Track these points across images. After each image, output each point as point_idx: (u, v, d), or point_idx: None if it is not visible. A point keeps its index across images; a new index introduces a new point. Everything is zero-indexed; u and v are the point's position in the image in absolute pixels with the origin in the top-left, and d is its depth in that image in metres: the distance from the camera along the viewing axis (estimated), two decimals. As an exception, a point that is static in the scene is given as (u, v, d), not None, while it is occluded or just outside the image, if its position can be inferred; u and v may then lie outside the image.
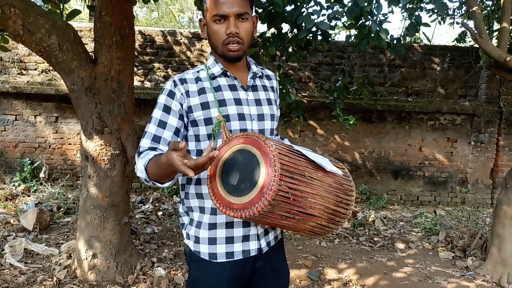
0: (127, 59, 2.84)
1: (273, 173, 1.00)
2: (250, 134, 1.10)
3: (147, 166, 1.17)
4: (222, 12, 1.19)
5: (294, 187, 1.05)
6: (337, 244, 4.01)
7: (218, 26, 1.21)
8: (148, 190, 5.69)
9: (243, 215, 1.04)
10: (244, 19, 1.22)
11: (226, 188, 1.09)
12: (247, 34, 1.23)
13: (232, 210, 1.06)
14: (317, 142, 5.77)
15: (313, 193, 1.11)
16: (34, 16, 2.44)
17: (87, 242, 2.90)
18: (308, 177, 1.09)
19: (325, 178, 1.16)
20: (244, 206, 1.04)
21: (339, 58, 5.71)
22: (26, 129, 5.59)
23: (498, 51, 3.07)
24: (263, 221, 1.11)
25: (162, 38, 5.65)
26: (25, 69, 5.57)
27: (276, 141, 1.12)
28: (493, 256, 3.27)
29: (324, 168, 1.15)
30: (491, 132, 5.71)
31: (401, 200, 5.86)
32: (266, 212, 1.03)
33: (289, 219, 1.10)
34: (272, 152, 1.03)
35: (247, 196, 1.04)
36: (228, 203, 1.07)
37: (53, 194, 4.93)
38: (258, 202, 1.01)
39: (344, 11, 2.80)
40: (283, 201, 1.03)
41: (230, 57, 1.24)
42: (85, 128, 2.82)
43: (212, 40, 1.25)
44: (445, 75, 5.77)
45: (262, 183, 1.02)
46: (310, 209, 1.11)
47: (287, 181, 1.03)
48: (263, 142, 1.06)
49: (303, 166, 1.10)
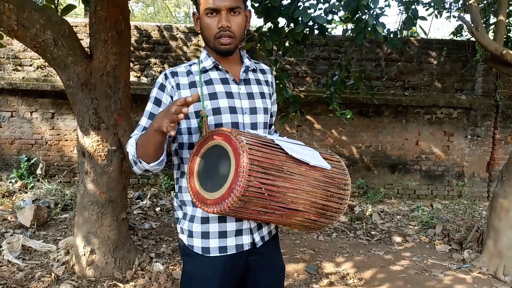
0: (123, 54, 2.82)
1: (241, 169, 1.00)
2: (224, 129, 1.10)
3: (137, 139, 1.20)
4: (214, 5, 1.19)
5: (269, 182, 1.04)
6: (335, 238, 4.03)
7: (210, 19, 1.22)
8: (146, 186, 5.68)
9: (215, 210, 1.04)
10: (236, 12, 1.22)
11: (202, 183, 1.10)
12: (239, 28, 1.24)
13: (206, 205, 1.07)
14: (314, 137, 5.77)
15: (294, 188, 1.09)
16: (29, 11, 2.42)
17: (85, 238, 2.90)
18: (286, 171, 1.08)
19: (310, 172, 1.14)
20: (215, 202, 1.05)
21: (336, 52, 5.70)
22: (22, 125, 5.56)
23: (495, 44, 3.08)
24: (240, 216, 1.12)
25: (158, 33, 5.62)
26: (21, 65, 5.53)
27: (252, 135, 1.11)
28: (489, 249, 3.29)
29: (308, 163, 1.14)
30: (488, 125, 5.73)
31: (398, 194, 5.89)
32: (238, 208, 1.03)
33: (268, 214, 1.10)
34: (242, 147, 1.02)
35: (219, 191, 1.05)
36: (202, 198, 1.09)
37: (50, 191, 4.92)
38: (228, 198, 1.01)
39: (341, 5, 2.79)
40: (257, 196, 1.03)
41: (222, 51, 1.25)
42: (81, 124, 2.81)
43: (205, 34, 1.26)
44: (442, 69, 5.78)
45: (232, 178, 1.02)
46: (292, 204, 1.10)
47: (259, 176, 1.02)
48: (234, 137, 1.05)
49: (281, 160, 1.08)
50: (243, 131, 1.13)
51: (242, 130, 1.23)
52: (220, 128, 1.15)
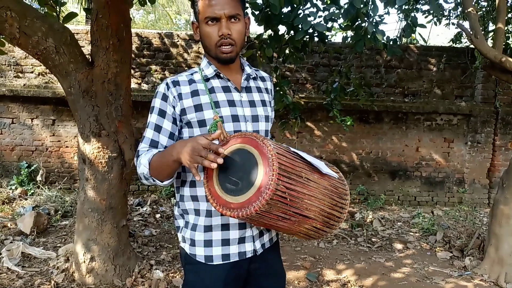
0: (124, 61, 2.84)
1: (271, 172, 1.00)
2: (248, 134, 1.10)
3: (151, 160, 1.19)
4: (214, 14, 1.19)
5: (291, 187, 1.04)
6: (335, 245, 4.02)
7: (210, 28, 1.22)
8: (146, 193, 5.68)
9: (240, 214, 1.03)
10: (236, 20, 1.22)
11: (223, 187, 1.08)
12: (240, 35, 1.24)
13: (229, 210, 1.05)
14: (314, 143, 5.77)
15: (310, 194, 1.10)
16: (31, 19, 2.44)
17: (84, 245, 2.89)
18: (305, 178, 1.09)
19: (321, 180, 1.16)
20: (241, 205, 1.03)
21: (336, 59, 5.72)
22: (23, 132, 5.57)
23: (494, 51, 3.09)
24: (260, 222, 1.11)
25: (159, 40, 5.65)
26: (22, 72, 5.56)
27: (273, 141, 1.12)
28: (491, 256, 3.28)
29: (320, 171, 1.15)
30: (488, 132, 5.74)
31: (399, 201, 5.87)
32: (263, 212, 1.03)
33: (285, 220, 1.10)
34: (270, 151, 1.02)
35: (245, 195, 1.03)
36: (225, 202, 1.07)
37: (51, 197, 4.91)
38: (256, 201, 1.00)
39: (341, 12, 2.81)
40: (280, 201, 1.03)
41: (223, 59, 1.25)
42: (82, 131, 2.81)
43: (205, 43, 1.26)
44: (441, 76, 5.80)
45: (260, 182, 1.01)
46: (306, 211, 1.11)
47: (285, 181, 1.02)
48: (261, 141, 1.05)
49: (300, 167, 1.10)
50: (265, 137, 1.14)
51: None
52: (242, 132, 1.14)
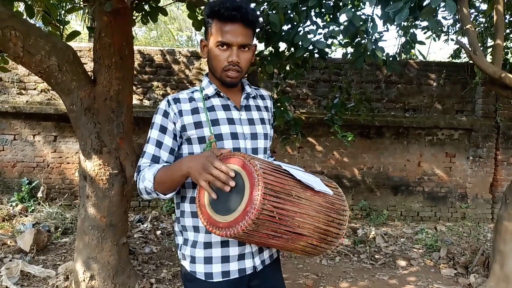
0: (126, 79, 2.86)
1: (257, 192, 1.01)
2: (237, 154, 1.12)
3: (156, 175, 1.21)
4: (227, 40, 1.23)
5: (280, 206, 1.05)
6: (338, 262, 3.97)
7: (220, 52, 1.25)
8: (147, 209, 5.65)
9: (227, 233, 1.05)
10: (246, 48, 1.26)
11: (214, 207, 1.11)
12: (247, 63, 1.28)
13: (218, 229, 1.07)
14: (316, 159, 5.76)
15: (301, 212, 1.10)
16: (34, 38, 2.47)
17: (84, 264, 2.86)
18: (295, 196, 1.10)
19: (315, 197, 1.16)
20: (229, 225, 1.05)
21: (336, 75, 5.76)
22: (24, 148, 5.58)
23: (493, 67, 3.11)
24: (250, 240, 1.11)
25: (161, 57, 5.71)
26: (25, 89, 5.60)
27: (262, 160, 1.13)
28: (496, 273, 3.23)
29: (313, 188, 1.16)
30: (489, 146, 5.73)
31: (401, 216, 5.82)
32: (250, 231, 1.03)
33: (277, 238, 1.10)
34: (256, 171, 1.04)
35: (232, 215, 1.05)
36: (214, 221, 1.09)
37: (51, 214, 4.89)
38: (242, 221, 1.02)
39: (340, 30, 2.84)
40: (268, 220, 1.04)
41: (228, 83, 1.29)
42: (83, 148, 2.82)
43: (212, 64, 1.29)
44: (442, 91, 5.82)
45: (246, 202, 1.03)
46: (299, 228, 1.11)
47: (272, 200, 1.03)
48: (248, 161, 1.07)
49: (289, 185, 1.10)
50: (254, 156, 1.15)
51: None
52: (231, 152, 1.16)
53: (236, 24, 1.22)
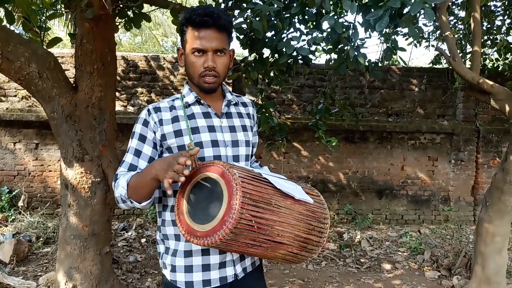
0: (108, 85, 2.83)
1: (235, 201, 1.01)
2: (216, 163, 1.11)
3: (129, 181, 1.20)
4: (201, 46, 1.23)
5: (258, 215, 1.05)
6: (324, 267, 3.98)
7: (196, 58, 1.25)
8: (131, 217, 5.57)
9: (205, 242, 1.04)
10: (222, 53, 1.26)
11: (192, 215, 1.10)
12: (224, 68, 1.28)
13: (196, 237, 1.06)
14: (301, 164, 5.79)
15: (281, 221, 1.10)
16: (14, 45, 2.42)
17: (66, 274, 2.80)
18: (274, 205, 1.09)
19: (295, 206, 1.16)
20: (206, 234, 1.04)
21: (321, 80, 5.82)
22: (4, 156, 5.45)
23: (471, 73, 3.19)
24: (229, 249, 1.11)
25: (145, 63, 5.68)
26: (5, 95, 5.49)
27: (242, 168, 1.13)
28: (477, 275, 3.29)
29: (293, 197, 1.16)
30: (470, 150, 5.86)
31: (386, 220, 5.89)
32: (229, 240, 1.03)
33: (256, 247, 1.09)
34: (235, 180, 1.03)
35: (210, 223, 1.04)
36: (192, 230, 1.08)
37: (32, 223, 4.77)
38: (220, 230, 1.01)
39: (323, 37, 2.87)
40: (247, 229, 1.03)
41: (206, 89, 1.29)
42: (65, 155, 2.77)
43: (189, 71, 1.29)
44: (423, 96, 5.94)
45: (224, 211, 1.02)
46: (278, 237, 1.11)
47: (250, 209, 1.03)
48: (227, 170, 1.07)
49: (269, 194, 1.10)
50: (234, 164, 1.14)
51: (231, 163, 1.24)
52: (211, 161, 1.15)
53: (209, 29, 1.22)
